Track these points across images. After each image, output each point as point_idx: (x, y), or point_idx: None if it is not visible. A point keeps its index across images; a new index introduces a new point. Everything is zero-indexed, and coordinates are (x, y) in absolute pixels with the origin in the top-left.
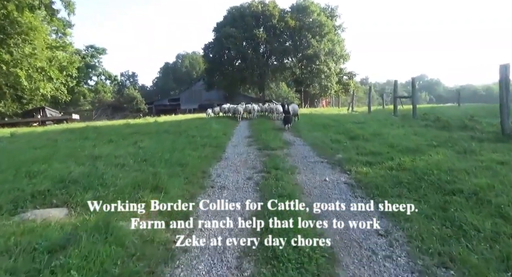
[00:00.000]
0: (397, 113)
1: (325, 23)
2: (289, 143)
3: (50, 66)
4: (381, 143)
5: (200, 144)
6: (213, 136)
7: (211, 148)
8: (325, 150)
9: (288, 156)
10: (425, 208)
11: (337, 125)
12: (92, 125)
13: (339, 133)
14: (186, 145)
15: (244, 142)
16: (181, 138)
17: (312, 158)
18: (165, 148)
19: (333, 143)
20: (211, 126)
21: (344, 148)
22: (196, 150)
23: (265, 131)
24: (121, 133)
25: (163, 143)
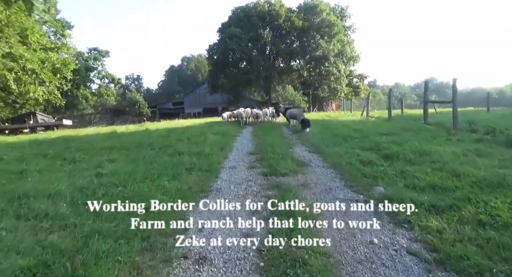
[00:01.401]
0: (428, 120)
1: (335, 22)
2: (305, 164)
3: (42, 68)
4: (436, 168)
5: (186, 167)
6: (205, 152)
7: (199, 174)
8: (355, 177)
9: (305, 188)
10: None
11: (361, 136)
12: (68, 135)
13: (367, 148)
14: (166, 168)
15: (245, 162)
16: (164, 156)
17: (341, 191)
18: (134, 176)
19: (365, 166)
20: (206, 138)
21: (382, 175)
22: (176, 179)
23: (272, 146)
24: (94, 148)
25: (136, 166)
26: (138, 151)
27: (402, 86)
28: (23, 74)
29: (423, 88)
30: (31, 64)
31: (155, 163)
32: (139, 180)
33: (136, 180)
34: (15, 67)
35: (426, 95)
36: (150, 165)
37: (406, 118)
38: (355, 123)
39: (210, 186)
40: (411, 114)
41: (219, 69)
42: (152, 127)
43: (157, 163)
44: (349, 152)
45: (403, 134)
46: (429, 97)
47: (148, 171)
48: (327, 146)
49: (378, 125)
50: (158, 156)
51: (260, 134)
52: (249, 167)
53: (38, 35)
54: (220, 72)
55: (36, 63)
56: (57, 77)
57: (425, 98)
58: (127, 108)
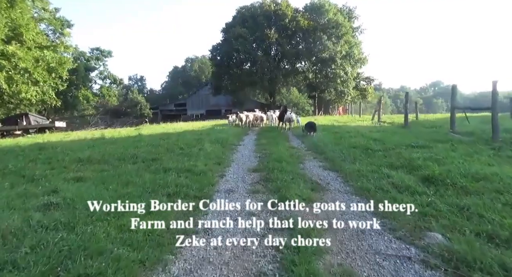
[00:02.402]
0: (455, 128)
1: (342, 23)
2: (321, 188)
3: (35, 67)
4: (508, 203)
5: (169, 191)
6: (198, 169)
7: (185, 202)
8: (395, 212)
9: (327, 230)
10: None
11: (384, 149)
12: (47, 142)
13: (397, 167)
14: (143, 194)
15: (246, 183)
16: (146, 173)
17: (379, 238)
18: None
19: (401, 193)
20: (202, 147)
21: (433, 211)
22: (151, 212)
23: (279, 160)
24: (66, 160)
25: (105, 189)
26: (117, 165)
27: (407, 89)
28: (15, 73)
29: (429, 92)
30: (24, 63)
31: (131, 184)
32: (97, 216)
33: (94, 216)
34: (6, 65)
35: (454, 100)
36: (123, 189)
37: (425, 124)
38: (371, 130)
39: (196, 224)
40: (428, 120)
41: (223, 70)
42: (147, 132)
43: (133, 185)
44: (375, 171)
45: (435, 147)
46: (435, 101)
47: (118, 199)
48: (345, 160)
49: (397, 133)
50: (139, 174)
51: (264, 143)
52: (250, 191)
53: (34, 33)
54: (224, 73)
55: (30, 62)
56: (52, 77)
57: (453, 104)
58: (128, 109)
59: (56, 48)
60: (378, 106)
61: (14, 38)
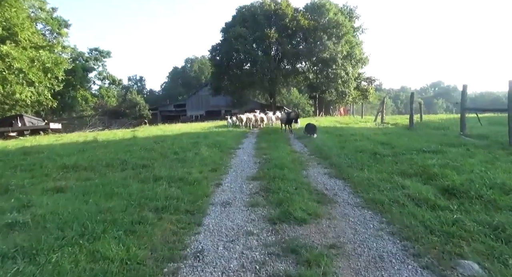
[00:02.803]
0: (466, 131)
1: (343, 23)
2: (328, 199)
3: (30, 68)
4: None
5: (158, 204)
6: (192, 177)
7: (174, 219)
8: (416, 231)
9: (338, 255)
10: None
11: (393, 153)
12: (34, 145)
13: (410, 174)
14: (127, 208)
15: (244, 194)
16: (135, 182)
17: (402, 266)
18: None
19: (420, 207)
20: (198, 152)
21: (462, 232)
22: (134, 232)
23: (281, 167)
24: (50, 167)
25: (85, 203)
26: (104, 172)
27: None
28: (9, 73)
29: (430, 92)
30: (19, 63)
31: (115, 196)
32: (68, 240)
33: (64, 239)
34: (0, 65)
35: (464, 101)
36: (106, 202)
37: (430, 126)
38: (376, 133)
39: (186, 246)
40: (433, 121)
41: (222, 71)
42: (142, 134)
43: (118, 197)
44: (386, 180)
45: (449, 152)
46: (436, 101)
47: (97, 216)
48: (352, 167)
49: (404, 136)
50: (126, 183)
51: (265, 147)
52: (249, 204)
53: (30, 32)
54: (223, 74)
55: (24, 62)
56: (47, 77)
57: (463, 105)
58: (127, 110)
59: (52, 48)
60: (381, 107)
61: (9, 38)
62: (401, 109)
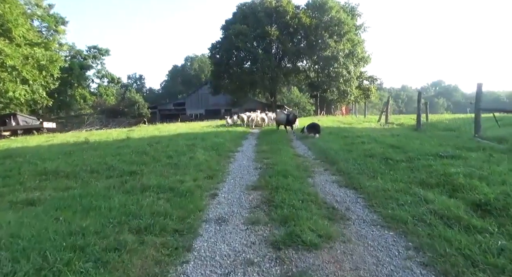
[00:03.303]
0: (480, 132)
1: (345, 21)
2: (340, 216)
3: (24, 65)
4: None
5: (141, 223)
6: (184, 187)
7: (159, 243)
8: (453, 262)
9: None
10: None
11: (407, 159)
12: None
13: (431, 185)
14: (104, 229)
15: (243, 207)
16: (119, 193)
17: None
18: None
19: (451, 228)
20: (193, 155)
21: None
22: (107, 263)
23: (284, 174)
24: (29, 173)
25: (55, 221)
26: (87, 180)
27: (409, 89)
28: (2, 71)
29: (431, 92)
30: (12, 60)
31: (93, 212)
32: None
33: None
34: None
35: (479, 101)
36: (81, 219)
37: (438, 127)
38: (383, 134)
39: None
40: (439, 121)
41: (222, 69)
42: (138, 134)
43: (95, 214)
44: (405, 192)
45: (469, 157)
46: (437, 100)
47: (65, 240)
48: (362, 174)
49: (414, 138)
50: (108, 195)
51: (265, 150)
52: (249, 222)
53: (24, 29)
54: (223, 72)
55: (18, 59)
56: (42, 75)
57: (478, 105)
58: (125, 108)
59: (48, 45)
60: (386, 106)
61: (2, 35)
62: (402, 108)
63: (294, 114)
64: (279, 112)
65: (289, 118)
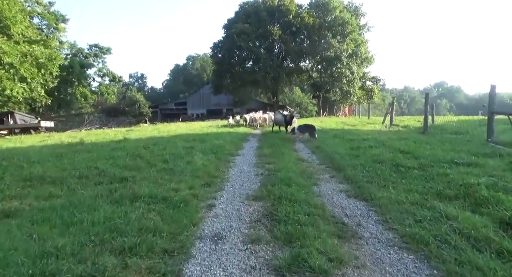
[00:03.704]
0: (493, 137)
1: (349, 21)
2: (351, 232)
3: (22, 63)
4: None
5: (123, 243)
6: (179, 196)
7: (145, 266)
8: None
9: None
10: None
11: (419, 165)
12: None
13: (449, 197)
14: (82, 250)
15: (242, 221)
16: (105, 203)
17: None
18: None
19: (480, 251)
20: (191, 159)
21: None
22: None
23: (288, 182)
24: (12, 178)
25: (31, 235)
26: (74, 188)
27: (411, 90)
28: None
29: (433, 93)
30: (9, 58)
31: (73, 227)
32: None
33: None
34: None
35: (493, 103)
36: (59, 236)
37: (447, 129)
38: (390, 137)
39: None
40: (447, 124)
41: (224, 68)
42: (135, 135)
43: (76, 229)
44: (421, 204)
45: (487, 165)
46: (439, 102)
47: (34, 264)
48: (372, 182)
49: (423, 142)
50: (94, 205)
51: (267, 154)
52: (248, 240)
53: (23, 26)
54: (225, 72)
55: (16, 57)
56: (41, 73)
57: (491, 108)
58: (126, 108)
59: (47, 42)
60: (391, 108)
61: (1, 31)
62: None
63: (291, 115)
64: (277, 113)
65: (286, 119)
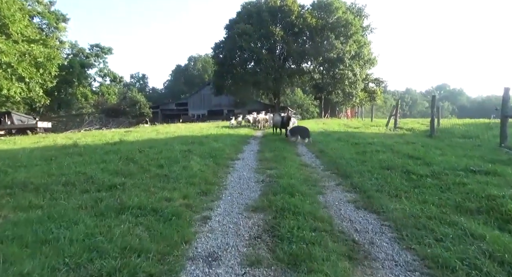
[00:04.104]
0: (507, 142)
1: (352, 22)
2: (364, 254)
3: (19, 62)
4: None
5: (101, 269)
6: (171, 207)
7: None
8: None
9: None
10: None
11: (432, 173)
12: None
13: (470, 210)
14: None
15: (240, 238)
16: (88, 217)
17: None
18: None
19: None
20: (188, 164)
21: None
22: None
23: (291, 191)
24: None
25: None
26: (57, 197)
27: (413, 92)
28: None
29: (436, 95)
30: (7, 57)
31: (47, 247)
32: None
33: None
34: None
35: (507, 107)
36: (26, 259)
37: (455, 133)
38: (396, 141)
39: None
40: (454, 127)
41: (225, 69)
42: (133, 137)
43: (49, 249)
44: (440, 219)
45: (506, 173)
46: (442, 104)
47: None
48: (382, 192)
49: (433, 146)
50: (75, 219)
51: (269, 158)
52: (247, 262)
53: (22, 25)
54: (226, 72)
55: (14, 56)
56: (39, 73)
57: (504, 111)
58: (126, 108)
59: (46, 42)
60: (395, 110)
61: None
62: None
63: (288, 116)
64: (275, 115)
65: (283, 121)
